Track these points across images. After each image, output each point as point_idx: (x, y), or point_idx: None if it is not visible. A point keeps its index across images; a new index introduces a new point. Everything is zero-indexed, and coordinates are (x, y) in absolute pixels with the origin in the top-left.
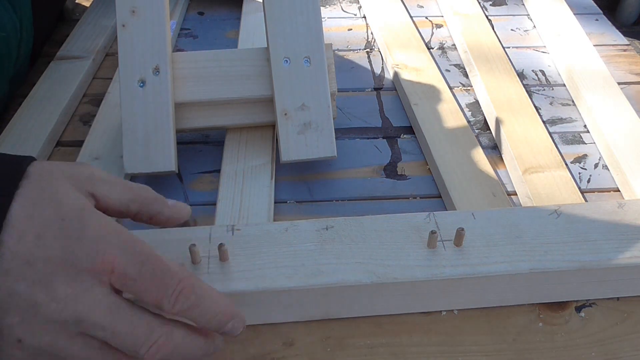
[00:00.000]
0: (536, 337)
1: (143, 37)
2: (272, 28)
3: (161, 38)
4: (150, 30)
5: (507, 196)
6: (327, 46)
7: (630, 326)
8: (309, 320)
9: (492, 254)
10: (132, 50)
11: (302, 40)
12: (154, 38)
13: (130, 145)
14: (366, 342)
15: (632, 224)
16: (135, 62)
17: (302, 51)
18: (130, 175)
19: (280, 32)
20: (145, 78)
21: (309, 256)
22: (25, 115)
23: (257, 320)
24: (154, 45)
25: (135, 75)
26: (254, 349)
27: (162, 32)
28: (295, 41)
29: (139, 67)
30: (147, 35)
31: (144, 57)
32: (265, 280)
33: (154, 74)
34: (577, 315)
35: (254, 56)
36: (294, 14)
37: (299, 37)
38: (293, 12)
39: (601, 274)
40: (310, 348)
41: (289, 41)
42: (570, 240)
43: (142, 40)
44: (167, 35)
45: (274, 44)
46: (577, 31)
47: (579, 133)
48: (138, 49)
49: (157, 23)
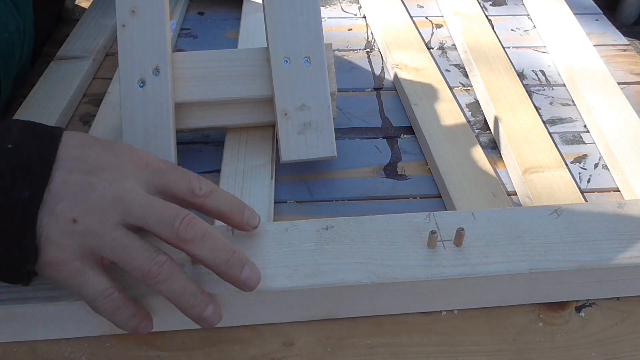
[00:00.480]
0: (536, 337)
1: (143, 37)
2: (272, 28)
3: (161, 38)
4: (150, 30)
5: (507, 196)
6: (327, 46)
7: (630, 326)
8: (309, 320)
9: (492, 254)
10: (132, 50)
11: (302, 40)
12: (153, 38)
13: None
14: (366, 342)
15: (632, 224)
16: (135, 62)
17: (302, 51)
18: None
19: (280, 32)
20: (145, 78)
21: (309, 256)
22: (25, 115)
23: (257, 320)
24: (153, 45)
25: (135, 75)
26: (254, 349)
27: (162, 32)
28: (295, 41)
29: (139, 67)
30: (147, 35)
31: (144, 57)
32: (265, 280)
33: (154, 74)
34: (577, 315)
35: (254, 56)
36: (293, 14)
37: (298, 37)
38: (293, 12)
39: (601, 274)
40: (310, 348)
41: (289, 41)
42: (570, 240)
43: (142, 40)
44: (167, 35)
45: (274, 44)
46: (577, 31)
47: (579, 133)
48: (138, 49)
49: (157, 23)
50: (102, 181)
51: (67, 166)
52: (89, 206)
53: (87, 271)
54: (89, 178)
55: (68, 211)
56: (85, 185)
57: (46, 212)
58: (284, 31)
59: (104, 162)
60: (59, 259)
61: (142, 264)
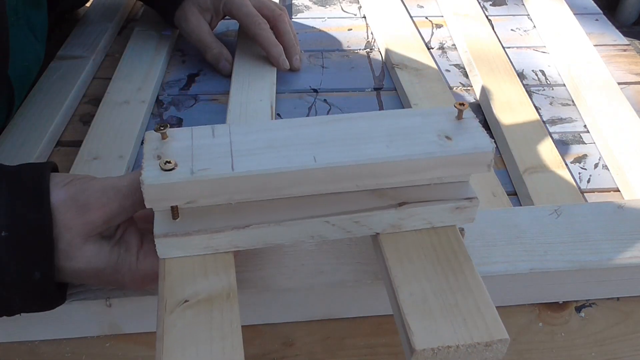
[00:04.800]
0: (536, 337)
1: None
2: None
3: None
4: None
5: (507, 196)
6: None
7: (630, 326)
8: (309, 320)
9: (492, 254)
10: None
11: None
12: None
13: None
14: (366, 342)
15: (632, 224)
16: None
17: None
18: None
19: None
20: None
21: (309, 256)
22: (26, 115)
23: (257, 320)
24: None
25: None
26: (254, 349)
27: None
28: None
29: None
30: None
31: None
32: (266, 280)
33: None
34: (577, 315)
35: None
36: None
37: None
38: None
39: (601, 274)
40: (310, 348)
41: None
42: (570, 240)
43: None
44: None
45: None
46: (577, 31)
47: (579, 133)
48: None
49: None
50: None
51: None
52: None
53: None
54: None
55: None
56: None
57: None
58: None
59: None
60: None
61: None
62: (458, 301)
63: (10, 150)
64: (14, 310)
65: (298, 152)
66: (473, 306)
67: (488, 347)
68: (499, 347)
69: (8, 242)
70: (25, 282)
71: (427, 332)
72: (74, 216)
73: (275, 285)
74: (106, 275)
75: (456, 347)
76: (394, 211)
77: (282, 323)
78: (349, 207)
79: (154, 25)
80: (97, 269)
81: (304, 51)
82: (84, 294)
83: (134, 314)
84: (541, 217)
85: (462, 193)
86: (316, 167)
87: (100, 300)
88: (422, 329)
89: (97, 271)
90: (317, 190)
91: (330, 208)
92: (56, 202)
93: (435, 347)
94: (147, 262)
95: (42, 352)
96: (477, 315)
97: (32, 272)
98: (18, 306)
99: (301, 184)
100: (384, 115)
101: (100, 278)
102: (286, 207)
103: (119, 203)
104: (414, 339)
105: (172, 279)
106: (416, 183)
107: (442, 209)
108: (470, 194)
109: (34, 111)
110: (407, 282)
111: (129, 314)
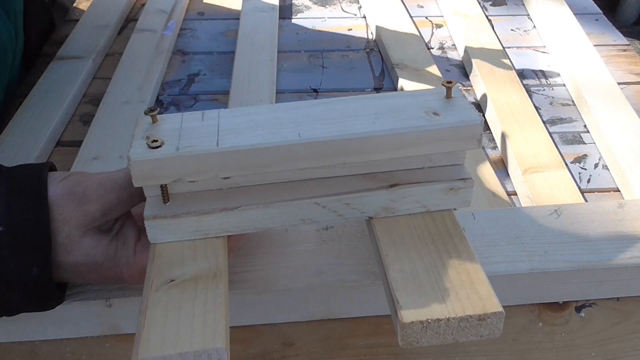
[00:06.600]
0: (536, 337)
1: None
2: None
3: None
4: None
5: (507, 196)
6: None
7: (630, 326)
8: (309, 320)
9: (492, 254)
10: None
11: None
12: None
13: None
14: (366, 342)
15: (632, 224)
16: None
17: None
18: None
19: None
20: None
21: (309, 256)
22: (25, 115)
23: (257, 320)
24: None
25: None
26: (254, 349)
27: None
28: None
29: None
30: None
31: None
32: (266, 280)
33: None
34: (577, 315)
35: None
36: None
37: None
38: None
39: (601, 274)
40: (310, 348)
41: None
42: (570, 240)
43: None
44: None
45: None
46: (577, 31)
47: (579, 133)
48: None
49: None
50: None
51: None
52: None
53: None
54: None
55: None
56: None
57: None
58: None
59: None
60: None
61: None
62: (451, 277)
63: (10, 150)
64: (13, 308)
65: (283, 129)
66: (467, 281)
67: (482, 321)
68: (494, 321)
69: (5, 237)
70: (23, 278)
71: (415, 305)
72: (71, 209)
73: (275, 285)
74: (104, 269)
75: (447, 321)
76: (386, 192)
77: (282, 323)
78: (340, 189)
79: (154, 25)
80: (96, 262)
81: (304, 51)
82: (84, 294)
83: (134, 314)
84: (541, 217)
85: (455, 174)
86: (300, 142)
87: (100, 300)
88: (410, 302)
89: (96, 265)
90: (304, 168)
91: (320, 190)
92: (54, 196)
93: (424, 320)
94: (144, 256)
95: (42, 352)
96: (471, 290)
97: (30, 268)
98: (17, 304)
99: (286, 160)
100: (372, 97)
101: (98, 272)
102: (276, 191)
103: (116, 194)
104: (402, 312)
105: (161, 261)
106: (406, 164)
107: (436, 189)
108: (464, 174)
109: (34, 111)
110: (398, 260)
111: (129, 314)
